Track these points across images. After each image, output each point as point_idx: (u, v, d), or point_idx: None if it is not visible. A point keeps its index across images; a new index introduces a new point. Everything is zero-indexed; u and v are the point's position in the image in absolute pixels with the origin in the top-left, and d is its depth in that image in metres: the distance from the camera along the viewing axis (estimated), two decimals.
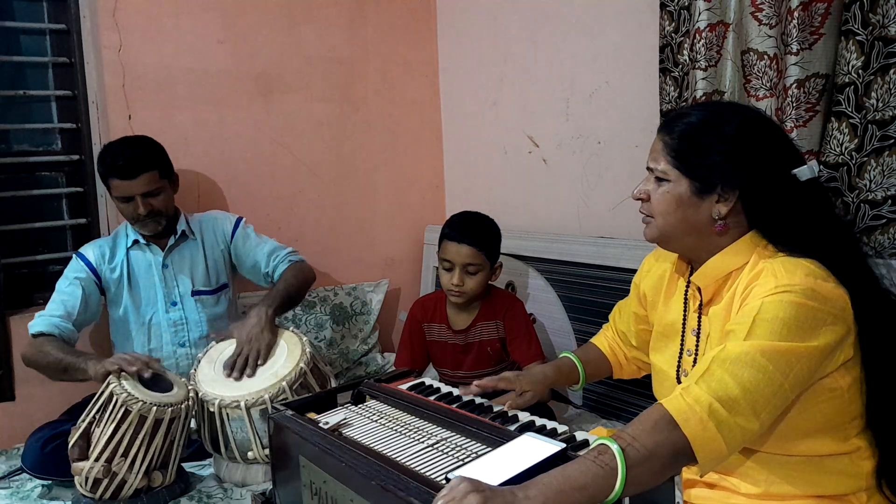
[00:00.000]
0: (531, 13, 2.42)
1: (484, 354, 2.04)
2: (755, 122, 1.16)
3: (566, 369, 1.50)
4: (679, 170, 1.16)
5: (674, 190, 1.17)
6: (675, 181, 1.17)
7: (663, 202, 1.18)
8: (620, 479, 0.92)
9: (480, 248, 1.93)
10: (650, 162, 1.21)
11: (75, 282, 1.99)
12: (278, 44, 2.52)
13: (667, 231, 1.20)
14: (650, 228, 1.23)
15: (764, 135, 1.15)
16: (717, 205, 1.15)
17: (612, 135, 2.19)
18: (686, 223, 1.18)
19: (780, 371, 1.00)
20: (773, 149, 1.14)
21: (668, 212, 1.18)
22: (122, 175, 1.94)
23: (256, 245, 2.20)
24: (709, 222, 1.16)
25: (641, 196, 1.23)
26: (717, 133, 1.14)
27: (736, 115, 1.16)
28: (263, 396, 1.70)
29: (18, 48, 2.19)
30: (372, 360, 2.65)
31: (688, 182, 1.16)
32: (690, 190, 1.16)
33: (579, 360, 1.51)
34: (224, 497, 1.71)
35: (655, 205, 1.20)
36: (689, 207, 1.16)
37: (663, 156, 1.18)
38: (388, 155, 2.81)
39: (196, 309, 2.11)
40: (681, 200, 1.17)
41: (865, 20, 1.48)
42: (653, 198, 1.20)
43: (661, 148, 1.19)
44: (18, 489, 1.80)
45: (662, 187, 1.18)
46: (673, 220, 1.18)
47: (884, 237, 1.53)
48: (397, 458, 1.14)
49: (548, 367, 1.50)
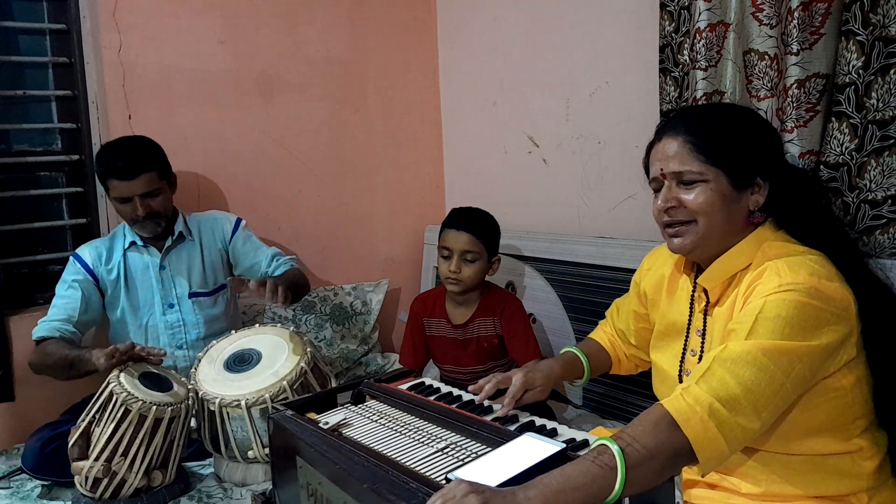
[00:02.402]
0: (531, 13, 2.42)
1: (482, 350, 2.05)
2: (756, 115, 1.24)
3: (571, 364, 1.50)
4: (717, 166, 1.15)
5: (715, 187, 1.15)
6: (714, 179, 1.15)
7: (707, 202, 1.15)
8: (620, 480, 0.92)
9: (478, 237, 1.97)
10: (672, 166, 1.17)
11: (74, 284, 1.99)
12: (278, 44, 2.52)
13: (710, 233, 1.17)
14: (690, 235, 1.18)
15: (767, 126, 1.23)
16: (754, 196, 1.17)
17: (612, 135, 2.19)
18: (730, 220, 1.17)
19: (782, 370, 1.00)
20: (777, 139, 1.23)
21: (714, 210, 1.15)
22: (121, 176, 1.93)
23: (257, 248, 2.20)
24: (746, 216, 1.18)
25: (673, 203, 1.18)
26: (743, 127, 1.18)
27: (747, 111, 1.23)
28: (264, 396, 1.70)
29: (18, 48, 2.19)
30: (372, 360, 2.64)
31: (726, 178, 1.15)
32: (730, 185, 1.15)
33: (584, 353, 1.50)
34: (224, 497, 1.71)
35: (698, 207, 1.16)
36: (733, 203, 1.16)
37: (692, 157, 1.16)
38: (388, 155, 2.81)
39: (193, 311, 2.11)
40: (724, 197, 1.15)
41: (866, 20, 1.48)
42: (689, 202, 1.16)
43: (687, 150, 1.16)
44: (18, 489, 1.80)
45: (698, 188, 1.16)
46: (719, 219, 1.16)
47: (884, 237, 1.53)
48: (397, 459, 1.14)
49: (554, 362, 1.49)
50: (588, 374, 1.50)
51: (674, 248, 1.22)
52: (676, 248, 1.21)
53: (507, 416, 1.31)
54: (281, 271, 2.14)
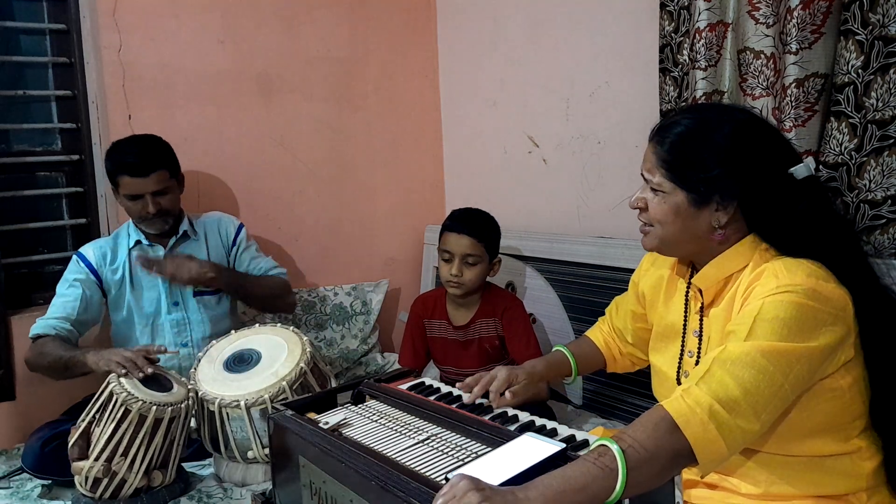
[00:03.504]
0: (531, 13, 2.42)
1: (483, 351, 2.05)
2: (747, 125, 1.13)
3: (557, 363, 1.51)
4: (674, 182, 1.15)
5: (671, 201, 1.16)
6: (671, 192, 1.15)
7: (661, 212, 1.17)
8: (621, 481, 0.92)
9: (479, 240, 1.96)
10: (644, 172, 1.20)
11: (75, 283, 1.99)
12: (278, 44, 2.52)
13: (667, 239, 1.19)
14: (649, 237, 1.22)
15: (757, 138, 1.12)
16: (717, 213, 1.14)
17: (612, 135, 2.19)
18: (686, 232, 1.17)
19: (781, 371, 1.00)
20: (767, 151, 1.12)
21: (667, 221, 1.17)
22: (134, 172, 1.94)
23: (254, 258, 2.21)
24: (708, 230, 1.15)
25: (638, 205, 1.22)
26: (709, 143, 1.12)
27: (727, 122, 1.12)
28: (263, 396, 1.70)
29: (18, 48, 2.19)
30: (372, 360, 2.65)
31: (684, 194, 1.14)
32: (688, 201, 1.14)
33: (571, 352, 1.51)
34: (224, 497, 1.71)
35: (653, 214, 1.18)
36: (688, 218, 1.15)
37: (657, 168, 1.17)
38: (388, 155, 2.81)
39: (198, 309, 2.11)
40: (678, 211, 1.16)
41: (865, 20, 1.48)
42: (650, 207, 1.19)
43: (654, 159, 1.17)
44: (18, 489, 1.80)
45: (658, 197, 1.17)
46: (672, 230, 1.17)
47: (884, 237, 1.53)
48: (397, 458, 1.14)
49: (539, 360, 1.51)
50: (576, 373, 1.51)
51: (642, 244, 1.25)
52: (643, 245, 1.25)
53: (507, 415, 1.31)
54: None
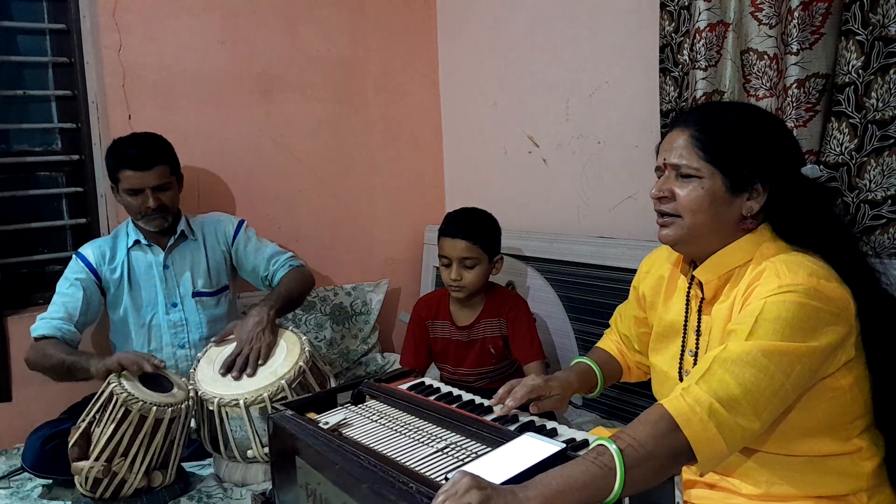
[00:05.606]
0: (531, 13, 2.41)
1: (486, 351, 2.04)
2: (780, 122, 1.21)
3: (586, 375, 1.45)
4: (714, 165, 1.13)
5: (708, 186, 1.14)
6: (709, 177, 1.13)
7: (695, 199, 1.14)
8: (619, 480, 0.92)
9: (475, 242, 1.94)
10: (672, 158, 1.16)
11: (76, 283, 1.99)
12: (278, 44, 2.52)
13: (694, 231, 1.16)
14: (675, 228, 1.18)
15: (788, 134, 1.19)
16: (749, 202, 1.14)
17: (612, 135, 2.19)
18: (716, 222, 1.15)
19: (782, 371, 1.00)
20: (793, 148, 1.17)
21: (700, 209, 1.14)
22: (136, 166, 1.94)
23: (257, 249, 2.20)
24: (737, 220, 1.15)
25: (664, 194, 1.18)
26: (758, 131, 1.14)
27: (767, 115, 1.20)
28: (262, 395, 1.70)
29: (18, 48, 2.20)
30: (372, 360, 2.65)
31: (722, 179, 1.13)
32: (725, 187, 1.13)
33: (596, 364, 1.45)
34: (224, 497, 1.71)
35: (685, 202, 1.15)
36: (722, 205, 1.14)
37: (693, 151, 1.14)
38: (388, 155, 2.81)
39: (196, 310, 2.11)
40: (714, 197, 1.13)
41: (865, 20, 1.48)
42: (680, 195, 1.16)
43: (690, 143, 1.15)
44: (18, 489, 1.80)
45: (692, 184, 1.15)
46: (703, 219, 1.15)
47: (884, 237, 1.53)
48: (397, 459, 1.14)
49: (570, 372, 1.44)
50: (601, 386, 1.45)
51: (660, 238, 1.22)
52: (662, 239, 1.22)
53: (507, 415, 1.30)
54: (279, 276, 2.15)
